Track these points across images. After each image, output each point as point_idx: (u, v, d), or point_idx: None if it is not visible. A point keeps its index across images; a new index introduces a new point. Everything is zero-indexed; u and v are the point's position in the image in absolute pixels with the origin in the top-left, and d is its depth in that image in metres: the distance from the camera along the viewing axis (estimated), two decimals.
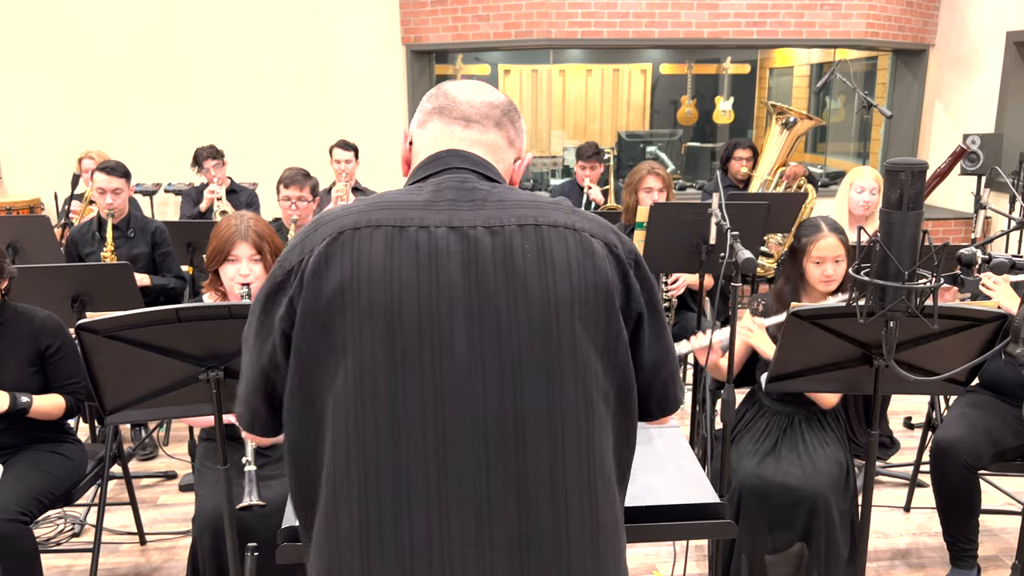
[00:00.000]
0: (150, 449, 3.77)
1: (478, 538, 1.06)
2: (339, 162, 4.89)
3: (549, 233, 1.11)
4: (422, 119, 1.25)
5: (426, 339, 1.07)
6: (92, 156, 4.76)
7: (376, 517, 1.07)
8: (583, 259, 1.11)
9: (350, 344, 1.07)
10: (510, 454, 1.07)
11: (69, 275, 3.14)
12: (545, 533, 1.08)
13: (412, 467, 1.06)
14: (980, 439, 2.64)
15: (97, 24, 6.44)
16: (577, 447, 1.09)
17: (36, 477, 2.44)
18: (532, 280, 1.08)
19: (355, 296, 1.07)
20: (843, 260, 2.62)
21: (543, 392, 1.08)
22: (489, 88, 1.27)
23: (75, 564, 2.92)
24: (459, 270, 1.08)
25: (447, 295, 1.07)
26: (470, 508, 1.07)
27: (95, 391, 1.86)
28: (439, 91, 1.26)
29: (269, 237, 2.46)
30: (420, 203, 1.12)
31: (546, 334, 1.08)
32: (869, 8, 6.35)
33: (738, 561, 2.51)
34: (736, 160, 4.98)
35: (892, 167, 1.43)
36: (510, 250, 1.09)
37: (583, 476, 1.10)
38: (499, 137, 1.23)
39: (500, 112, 1.24)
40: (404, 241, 1.09)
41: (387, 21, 6.76)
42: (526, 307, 1.08)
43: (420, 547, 1.06)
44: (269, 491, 2.20)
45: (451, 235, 1.09)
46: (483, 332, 1.07)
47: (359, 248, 1.08)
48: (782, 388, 2.24)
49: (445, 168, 1.18)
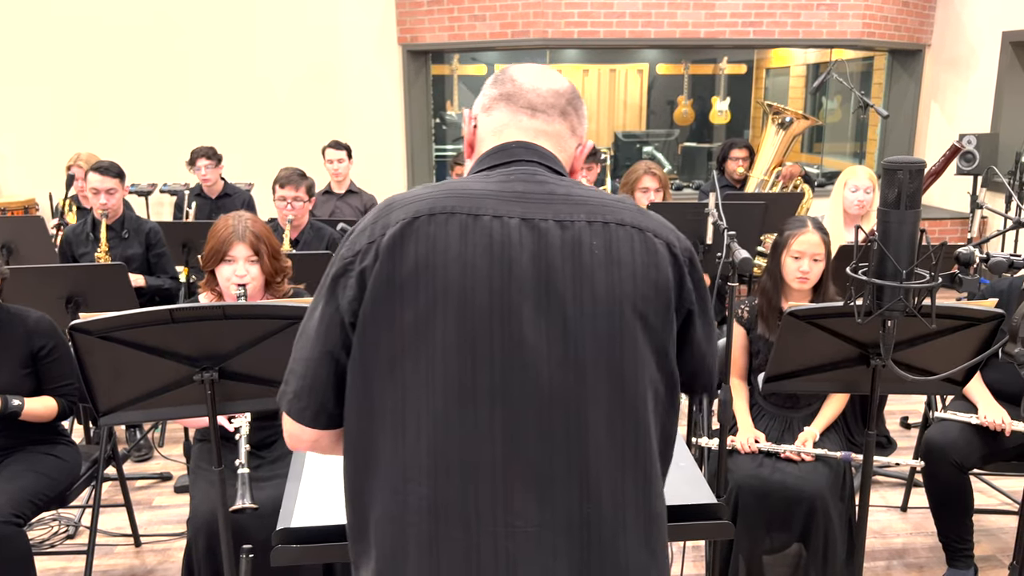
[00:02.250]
0: (145, 450, 3.75)
1: (541, 521, 1.10)
2: (331, 162, 4.88)
3: (616, 231, 1.14)
4: (487, 104, 1.26)
5: (496, 326, 1.09)
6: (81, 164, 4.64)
7: (444, 495, 1.10)
8: (647, 258, 1.14)
9: (421, 326, 1.09)
10: (572, 441, 1.11)
11: (63, 276, 3.12)
12: (604, 518, 1.12)
13: (479, 450, 1.09)
14: (971, 439, 2.63)
15: (93, 25, 6.42)
16: (636, 438, 1.14)
17: (30, 479, 2.43)
18: (599, 276, 1.11)
19: (430, 280, 1.09)
20: (821, 260, 2.61)
21: (605, 386, 1.11)
22: (554, 74, 1.27)
23: (69, 566, 2.90)
24: (529, 261, 1.10)
25: (518, 285, 1.10)
26: (533, 490, 1.10)
27: (89, 392, 1.84)
28: (506, 76, 1.26)
29: (266, 238, 2.45)
30: (492, 192, 1.14)
31: (610, 329, 1.11)
32: (865, 8, 6.35)
33: (735, 562, 2.50)
34: (732, 160, 4.98)
35: (890, 166, 1.43)
36: (579, 245, 1.12)
37: (639, 466, 1.14)
38: (564, 127, 1.25)
39: (565, 101, 1.25)
40: (478, 229, 1.11)
41: (383, 21, 6.75)
42: (592, 302, 1.11)
43: (486, 524, 1.09)
44: (262, 493, 2.19)
45: (523, 227, 1.11)
46: (550, 323, 1.10)
47: (435, 233, 1.10)
48: (780, 388, 2.24)
49: (513, 160, 1.20)
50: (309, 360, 1.16)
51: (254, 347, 1.84)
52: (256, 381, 1.90)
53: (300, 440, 1.21)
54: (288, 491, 1.73)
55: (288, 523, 1.58)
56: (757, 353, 2.71)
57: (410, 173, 7.09)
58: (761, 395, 2.72)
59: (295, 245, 3.72)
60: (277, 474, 2.29)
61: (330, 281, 1.15)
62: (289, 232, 3.70)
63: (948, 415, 2.69)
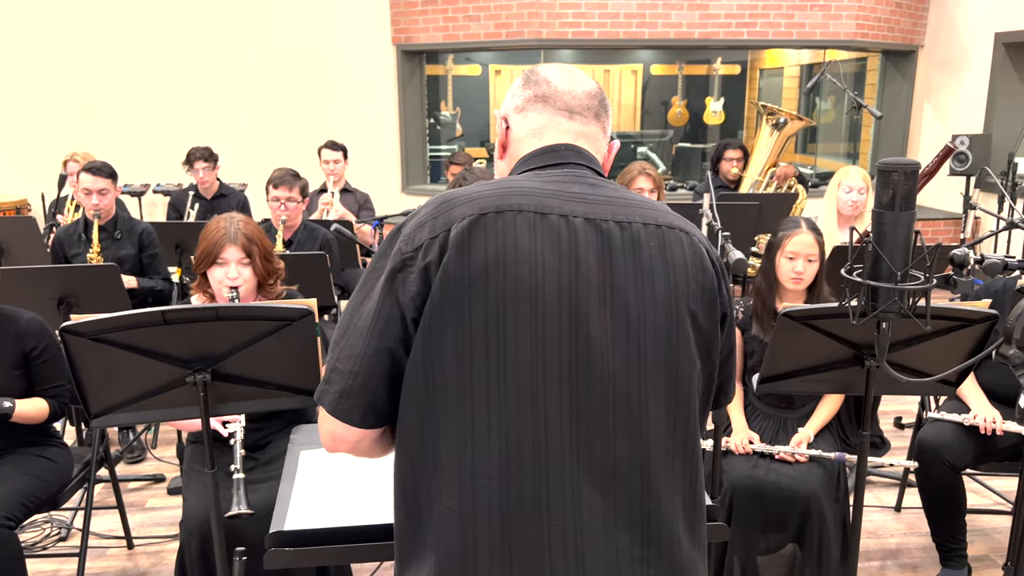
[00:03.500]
0: (138, 452, 3.73)
1: (605, 513, 1.12)
2: (328, 162, 4.86)
3: (668, 234, 1.17)
4: (521, 104, 1.27)
5: (564, 322, 1.11)
6: (77, 159, 4.71)
7: (517, 490, 1.10)
8: (695, 261, 1.18)
9: (491, 322, 1.10)
10: (635, 436, 1.13)
11: (55, 276, 3.10)
12: (663, 513, 1.14)
13: (549, 442, 1.11)
14: (963, 439, 2.64)
15: (86, 25, 6.39)
16: (686, 435, 1.17)
17: (21, 481, 2.41)
18: (657, 276, 1.15)
19: (500, 277, 1.10)
20: (815, 260, 2.62)
21: (663, 381, 1.14)
22: (583, 75, 1.30)
23: (61, 569, 2.89)
24: (595, 260, 1.13)
25: (585, 282, 1.12)
26: (599, 482, 1.12)
27: (80, 394, 1.83)
28: (539, 77, 1.27)
29: (258, 240, 2.44)
30: (553, 192, 1.16)
31: (668, 328, 1.15)
32: (859, 9, 6.37)
33: (731, 562, 2.50)
34: (727, 161, 4.98)
35: (885, 167, 1.42)
36: (638, 245, 1.15)
37: (689, 462, 1.18)
38: (598, 128, 1.28)
39: (598, 103, 1.28)
40: (546, 227, 1.12)
41: (378, 21, 6.74)
42: (652, 301, 1.14)
43: (556, 519, 1.10)
44: (256, 495, 2.18)
45: (588, 226, 1.14)
46: (614, 321, 1.13)
47: (503, 230, 1.11)
48: (774, 389, 2.24)
49: (564, 162, 1.23)
50: (363, 357, 1.13)
51: (247, 349, 1.83)
52: (249, 383, 1.89)
53: (343, 440, 1.19)
54: (281, 493, 1.72)
55: (281, 526, 1.58)
56: (752, 354, 2.71)
57: (404, 173, 7.08)
58: (756, 396, 2.72)
59: (288, 246, 3.71)
60: (271, 476, 2.28)
61: (387, 275, 1.13)
62: (282, 233, 3.69)
63: (940, 415, 2.70)
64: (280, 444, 2.38)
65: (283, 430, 2.43)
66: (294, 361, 1.90)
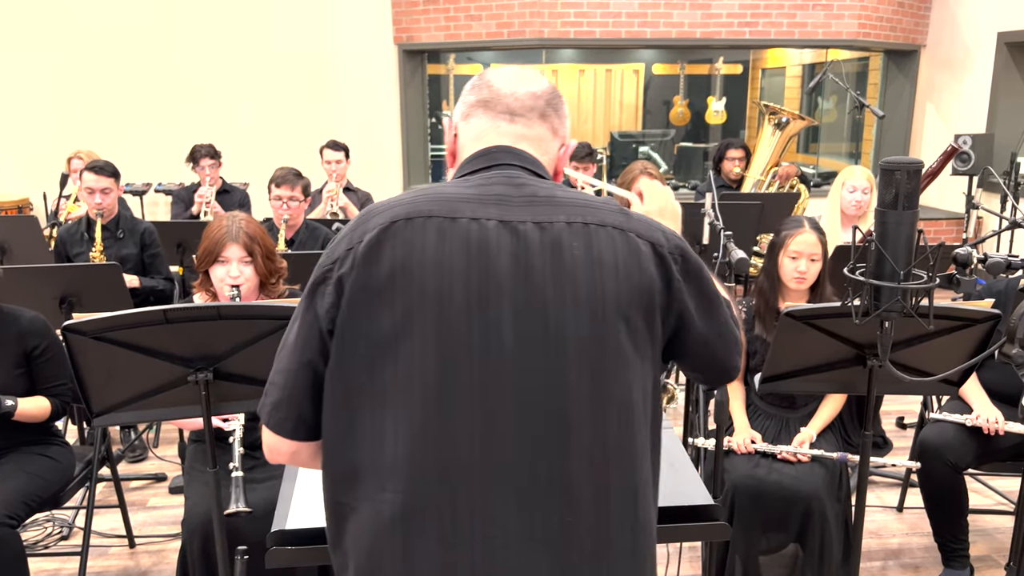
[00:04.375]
0: (139, 451, 3.74)
1: (520, 531, 1.07)
2: (329, 162, 4.86)
3: (597, 232, 1.12)
4: (465, 111, 1.25)
5: (475, 328, 1.07)
6: (81, 156, 4.73)
7: (420, 504, 1.07)
8: (629, 259, 1.12)
9: (399, 331, 1.08)
10: (553, 447, 1.08)
11: (57, 276, 3.10)
12: (588, 529, 1.09)
13: (457, 455, 1.07)
14: (965, 439, 2.63)
15: (87, 23, 6.39)
16: (619, 444, 1.11)
17: (23, 480, 2.41)
18: (580, 277, 1.10)
19: (407, 284, 1.08)
20: (818, 260, 2.61)
21: (587, 387, 1.09)
22: (532, 75, 1.26)
23: (63, 568, 2.89)
24: (509, 263, 1.09)
25: (496, 287, 1.08)
26: (512, 499, 1.07)
27: (82, 393, 1.83)
28: (483, 82, 1.25)
29: (260, 238, 2.44)
30: (471, 196, 1.13)
31: (592, 331, 1.09)
32: (861, 9, 6.36)
33: (732, 562, 2.50)
34: (729, 160, 4.98)
35: (887, 166, 1.42)
36: (559, 246, 1.10)
37: (624, 473, 1.12)
38: (544, 129, 1.24)
39: (544, 103, 1.24)
40: (455, 232, 1.09)
41: (379, 20, 6.74)
42: (573, 304, 1.09)
43: (462, 536, 1.06)
44: (256, 494, 2.18)
45: (501, 229, 1.10)
46: (531, 326, 1.08)
47: (411, 238, 1.09)
48: (776, 389, 2.23)
49: (494, 164, 1.19)
50: (288, 371, 1.15)
51: (248, 348, 1.83)
52: (250, 382, 1.89)
53: (279, 452, 1.20)
54: (283, 492, 1.72)
55: (283, 525, 1.58)
56: (754, 353, 2.70)
57: (406, 173, 7.08)
58: (758, 395, 2.72)
59: (290, 245, 3.71)
60: (272, 475, 2.28)
61: (309, 290, 1.14)
62: (284, 232, 3.69)
63: (942, 416, 2.70)
64: None
65: None
66: None
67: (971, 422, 2.62)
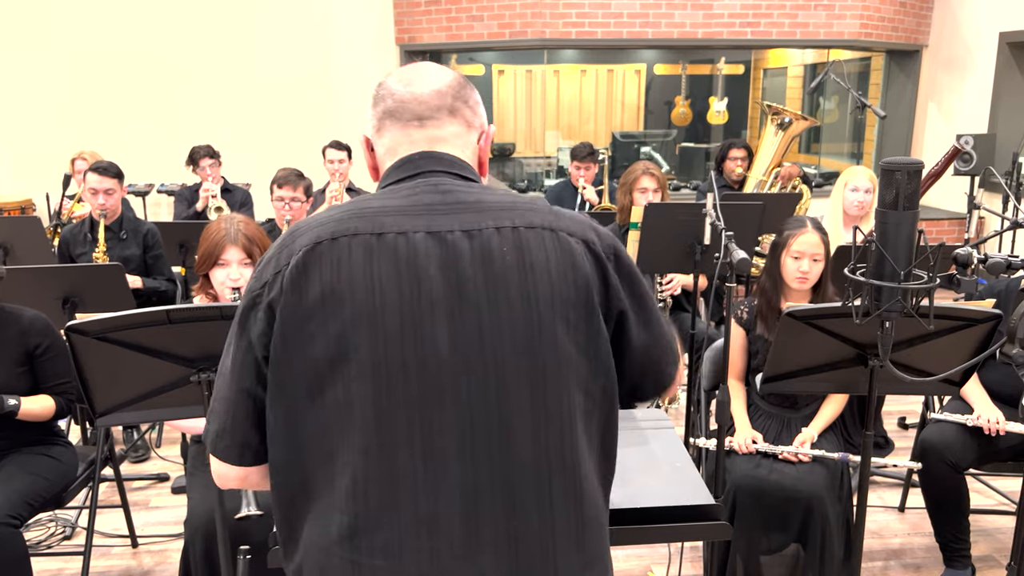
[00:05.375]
0: (142, 451, 3.74)
1: (465, 539, 1.07)
2: (332, 162, 4.87)
3: (527, 235, 1.11)
4: (376, 124, 1.22)
5: (408, 342, 1.06)
6: (85, 157, 4.75)
7: (364, 521, 1.07)
8: (562, 258, 1.11)
9: (333, 354, 1.07)
10: (495, 453, 1.08)
11: (60, 276, 3.11)
12: (533, 531, 1.09)
13: (399, 470, 1.06)
14: (966, 440, 2.64)
15: (89, 24, 6.40)
16: (561, 446, 1.10)
17: (26, 480, 2.42)
18: (512, 282, 1.09)
19: (337, 306, 1.06)
20: (821, 260, 2.62)
21: (526, 392, 1.08)
22: (432, 71, 1.22)
23: (66, 567, 2.90)
24: (439, 275, 1.07)
25: (428, 299, 1.07)
26: (457, 508, 1.07)
27: (85, 393, 1.84)
28: (384, 90, 1.21)
29: (259, 240, 2.45)
30: (396, 208, 1.11)
31: (528, 335, 1.09)
32: (863, 9, 6.36)
33: (733, 562, 2.50)
34: (731, 160, 4.98)
35: (888, 167, 1.42)
36: (488, 253, 1.09)
37: (567, 474, 1.11)
38: (457, 126, 1.20)
39: (451, 97, 1.20)
40: (382, 248, 1.08)
41: (381, 21, 6.74)
42: (507, 308, 1.08)
43: (409, 550, 1.06)
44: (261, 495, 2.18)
45: (429, 240, 1.09)
46: (465, 334, 1.07)
47: (338, 258, 1.07)
48: (777, 389, 2.24)
49: (418, 172, 1.17)
50: (227, 399, 1.14)
51: None
52: None
53: (228, 479, 1.19)
54: None
55: None
56: (756, 353, 2.71)
57: None
58: (759, 395, 2.72)
59: None
60: None
61: (241, 315, 1.12)
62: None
63: (943, 416, 2.70)
64: None
65: None
66: None
67: (972, 422, 2.62)
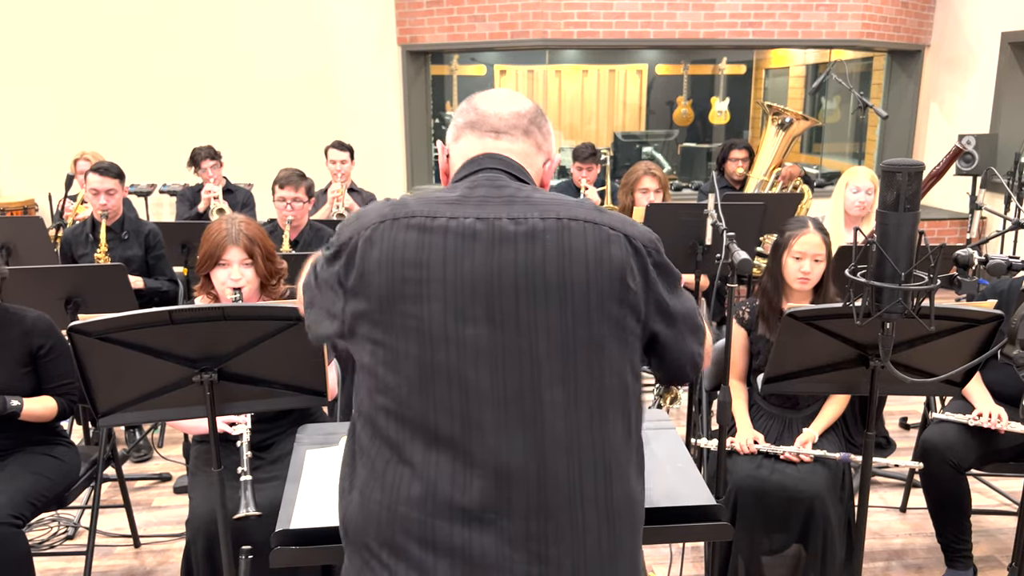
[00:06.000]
0: (144, 451, 3.75)
1: (498, 505, 1.14)
2: (334, 162, 4.88)
3: (569, 225, 1.20)
4: (456, 133, 1.35)
5: (450, 320, 1.16)
6: (88, 157, 4.75)
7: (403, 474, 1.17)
8: (600, 248, 1.19)
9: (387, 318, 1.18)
10: (528, 427, 1.15)
11: (62, 276, 3.12)
12: (561, 505, 1.16)
13: (439, 429, 1.16)
14: (967, 440, 2.63)
15: (91, 25, 6.41)
16: (591, 426, 1.18)
17: (29, 480, 2.43)
18: (551, 266, 1.17)
19: (387, 277, 1.19)
20: (822, 260, 2.62)
21: (559, 371, 1.16)
22: (516, 97, 1.36)
23: (68, 567, 2.90)
24: (483, 254, 1.17)
25: (470, 276, 1.16)
26: (490, 475, 1.14)
27: (88, 393, 1.84)
28: (469, 105, 1.35)
29: (260, 240, 2.45)
30: (452, 199, 1.23)
31: (562, 318, 1.16)
32: (864, 9, 6.35)
33: (735, 563, 2.50)
34: (732, 161, 4.98)
35: (888, 168, 1.42)
36: (531, 239, 1.18)
37: (597, 454, 1.18)
38: (528, 145, 1.32)
39: (527, 121, 1.33)
40: (434, 229, 1.19)
41: (383, 21, 6.75)
42: (544, 291, 1.16)
43: (442, 506, 1.15)
44: (261, 494, 2.18)
45: (477, 223, 1.19)
46: (504, 313, 1.16)
47: (394, 236, 1.20)
48: (779, 389, 2.23)
49: (480, 168, 1.28)
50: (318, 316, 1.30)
51: (253, 348, 1.84)
52: (255, 382, 1.90)
53: None
54: (287, 493, 1.73)
55: (287, 525, 1.59)
56: (758, 354, 2.71)
57: (409, 173, 7.09)
58: (761, 396, 2.72)
59: (295, 246, 3.72)
60: (276, 475, 2.29)
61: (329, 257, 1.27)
62: (288, 233, 3.70)
63: (944, 416, 2.70)
64: (286, 443, 2.39)
65: (289, 430, 2.44)
66: (300, 360, 1.91)
67: (973, 421, 2.62)
